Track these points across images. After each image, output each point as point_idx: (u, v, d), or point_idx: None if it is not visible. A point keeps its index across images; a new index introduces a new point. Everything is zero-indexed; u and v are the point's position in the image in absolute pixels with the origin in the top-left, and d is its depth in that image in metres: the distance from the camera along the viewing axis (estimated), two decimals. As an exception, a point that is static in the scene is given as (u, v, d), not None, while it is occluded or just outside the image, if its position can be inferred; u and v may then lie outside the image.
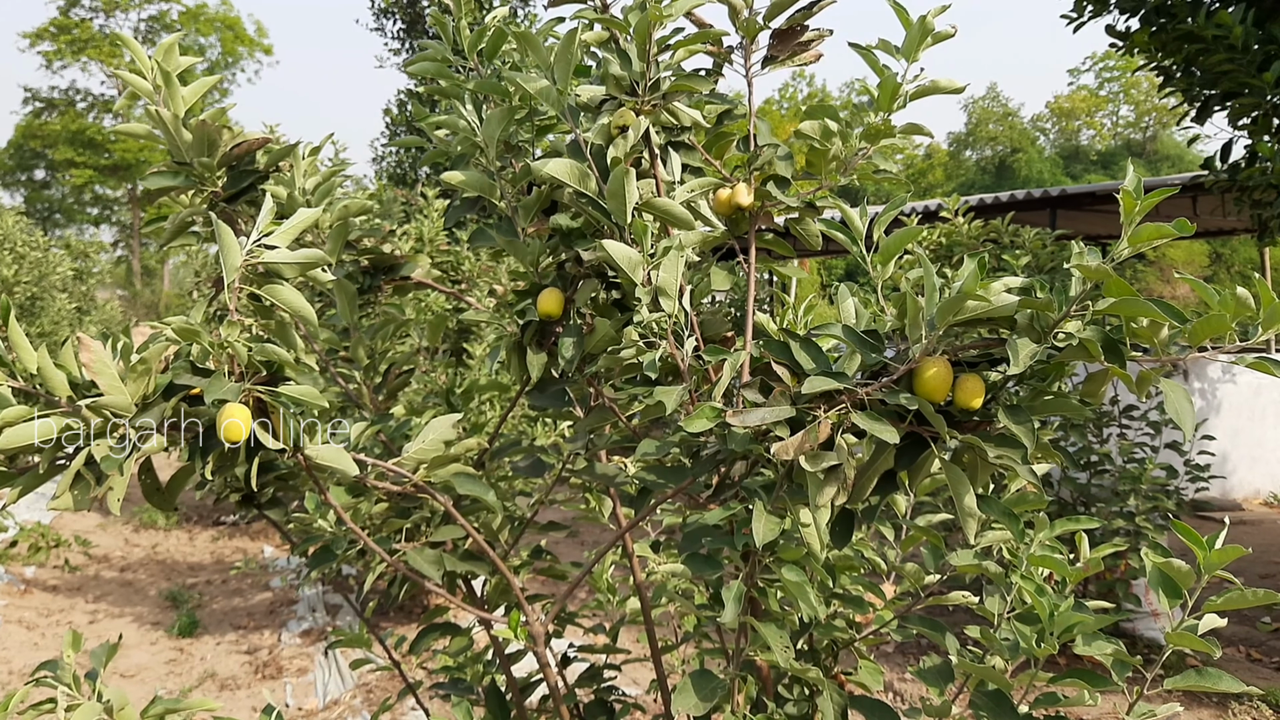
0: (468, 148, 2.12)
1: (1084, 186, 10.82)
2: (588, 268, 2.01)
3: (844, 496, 1.77)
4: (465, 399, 2.82)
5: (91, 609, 7.86)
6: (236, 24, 58.30)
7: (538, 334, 2.07)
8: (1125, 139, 62.25)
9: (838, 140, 2.31)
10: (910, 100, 2.36)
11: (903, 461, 1.87)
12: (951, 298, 1.67)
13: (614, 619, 3.07)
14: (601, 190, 1.91)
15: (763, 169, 2.33)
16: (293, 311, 1.72)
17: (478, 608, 2.30)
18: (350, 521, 1.89)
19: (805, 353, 1.82)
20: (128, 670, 6.49)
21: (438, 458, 1.86)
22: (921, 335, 1.74)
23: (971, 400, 1.76)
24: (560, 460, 2.39)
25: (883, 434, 1.69)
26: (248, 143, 2.17)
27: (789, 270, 2.42)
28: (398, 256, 2.46)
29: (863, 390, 1.78)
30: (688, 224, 1.96)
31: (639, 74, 1.93)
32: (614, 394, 2.22)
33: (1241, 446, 10.67)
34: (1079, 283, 1.78)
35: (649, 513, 2.02)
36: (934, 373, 1.74)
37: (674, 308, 1.90)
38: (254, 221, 1.80)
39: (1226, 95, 7.16)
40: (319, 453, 1.77)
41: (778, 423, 1.75)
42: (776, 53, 2.31)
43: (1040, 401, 1.88)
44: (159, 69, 2.18)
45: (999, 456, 1.77)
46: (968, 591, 2.29)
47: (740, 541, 1.83)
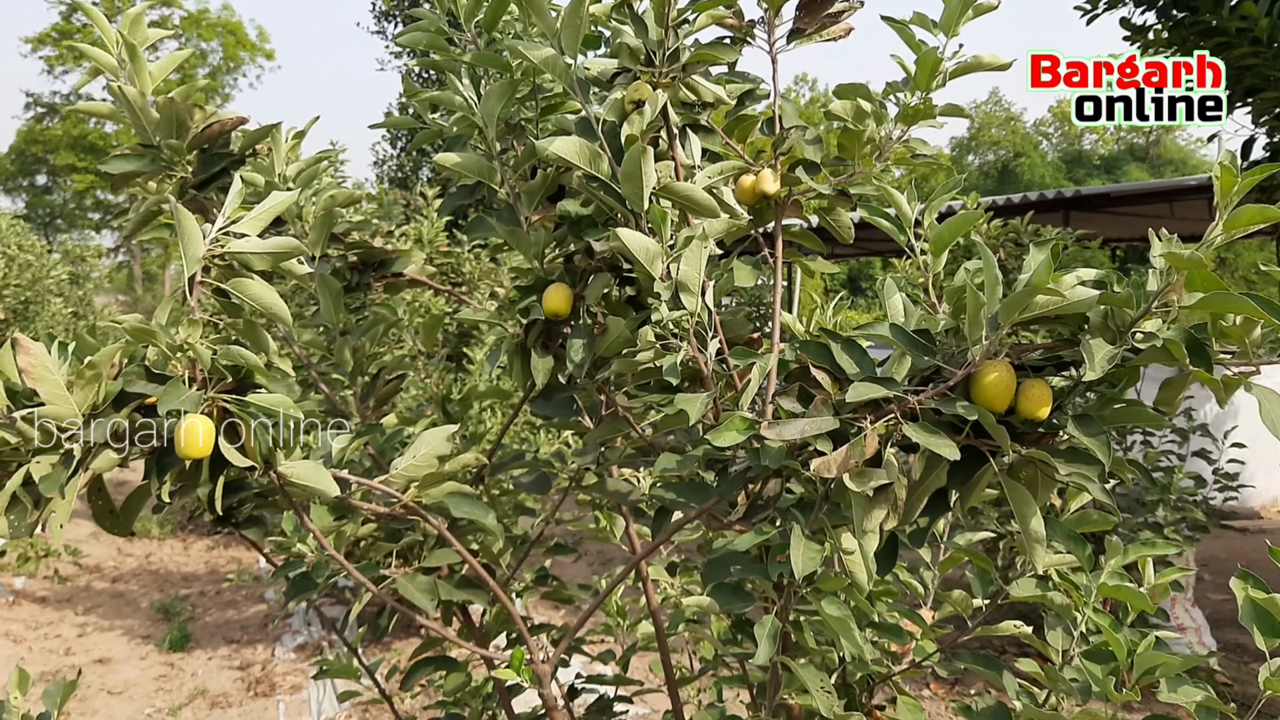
0: (465, 127, 1.90)
1: (1098, 188, 10.61)
2: (599, 260, 1.79)
3: (894, 520, 1.55)
4: (463, 407, 2.60)
5: (81, 621, 7.63)
6: (238, 29, 58.11)
7: (543, 335, 1.85)
8: (1128, 144, 61.96)
9: (871, 121, 2.10)
10: (950, 79, 2.15)
11: (956, 478, 1.65)
12: (1019, 293, 1.45)
13: (624, 644, 2.85)
14: (615, 173, 1.69)
15: (789, 153, 2.11)
16: (263, 308, 1.51)
17: (476, 639, 2.08)
18: (332, 548, 1.67)
19: (848, 355, 1.60)
20: (115, 687, 6.27)
21: (430, 475, 1.64)
22: (982, 335, 1.52)
23: (1038, 409, 1.55)
24: (568, 474, 2.17)
25: (940, 448, 1.47)
26: (221, 123, 1.96)
27: (817, 265, 2.20)
28: (389, 251, 2.25)
29: (914, 398, 1.56)
30: (711, 211, 1.75)
31: (656, 42, 1.71)
32: (627, 401, 2.00)
33: (1259, 453, 10.43)
34: (1160, 276, 1.56)
35: (669, 536, 1.80)
36: (995, 378, 1.53)
37: (697, 305, 1.68)
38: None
39: (1249, 91, 6.94)
40: (294, 471, 1.55)
41: (819, 436, 1.53)
42: (804, 25, 2.09)
43: (1111, 410, 1.66)
44: (123, 42, 1.97)
45: (1072, 474, 1.55)
46: (1020, 621, 2.07)
47: (775, 570, 1.61)
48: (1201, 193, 10.28)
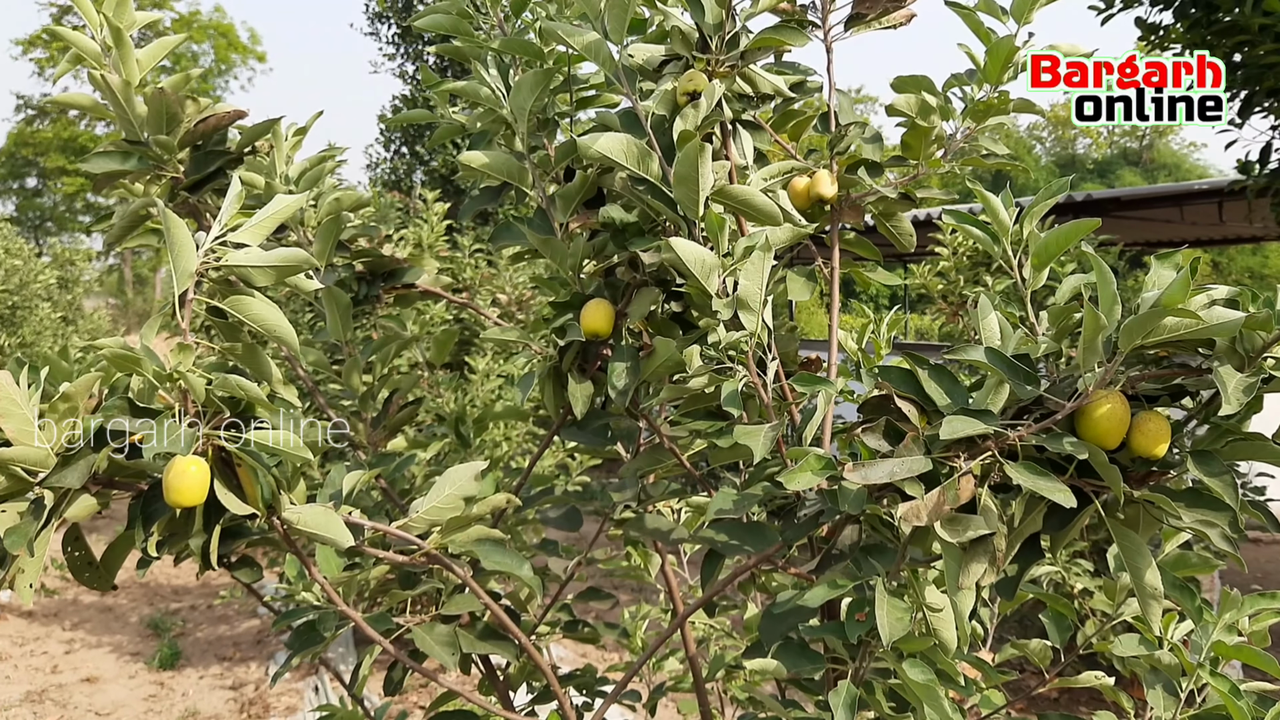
0: (491, 123, 1.69)
1: (1108, 191, 10.42)
2: (646, 274, 1.58)
3: (994, 575, 1.35)
4: (478, 428, 2.39)
5: (69, 637, 7.39)
6: (230, 31, 57.71)
7: (580, 357, 1.64)
8: (1121, 148, 61.87)
9: (937, 117, 1.90)
10: (1021, 71, 1.95)
11: (1053, 522, 1.45)
12: (1145, 314, 1.25)
13: (650, 683, 2.64)
14: (665, 174, 1.49)
15: (847, 153, 1.91)
16: (266, 330, 1.29)
17: (499, 691, 1.87)
18: (342, 602, 1.46)
19: (937, 383, 1.40)
20: (103, 708, 6.03)
21: (455, 520, 1.43)
22: (1097, 362, 1.32)
23: (1155, 446, 1.35)
24: (603, 508, 1.96)
25: (1052, 494, 1.27)
26: (217, 117, 1.75)
27: (876, 275, 1.99)
28: (400, 260, 2.04)
29: (1013, 434, 1.36)
30: (773, 218, 1.54)
31: (714, 25, 1.50)
32: (669, 430, 1.79)
33: (1273, 462, 10.22)
34: (1297, 294, 1.37)
35: (722, 588, 1.59)
36: (1108, 410, 1.33)
37: (757, 325, 1.47)
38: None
39: (1272, 92, 6.76)
40: (301, 517, 1.34)
41: (908, 478, 1.32)
42: (864, 10, 1.89)
43: (1227, 445, 1.46)
44: (108, 25, 1.76)
45: (1198, 520, 1.35)
46: (1101, 672, 1.86)
47: (855, 631, 1.40)
48: (1211, 196, 10.09)
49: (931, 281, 5.76)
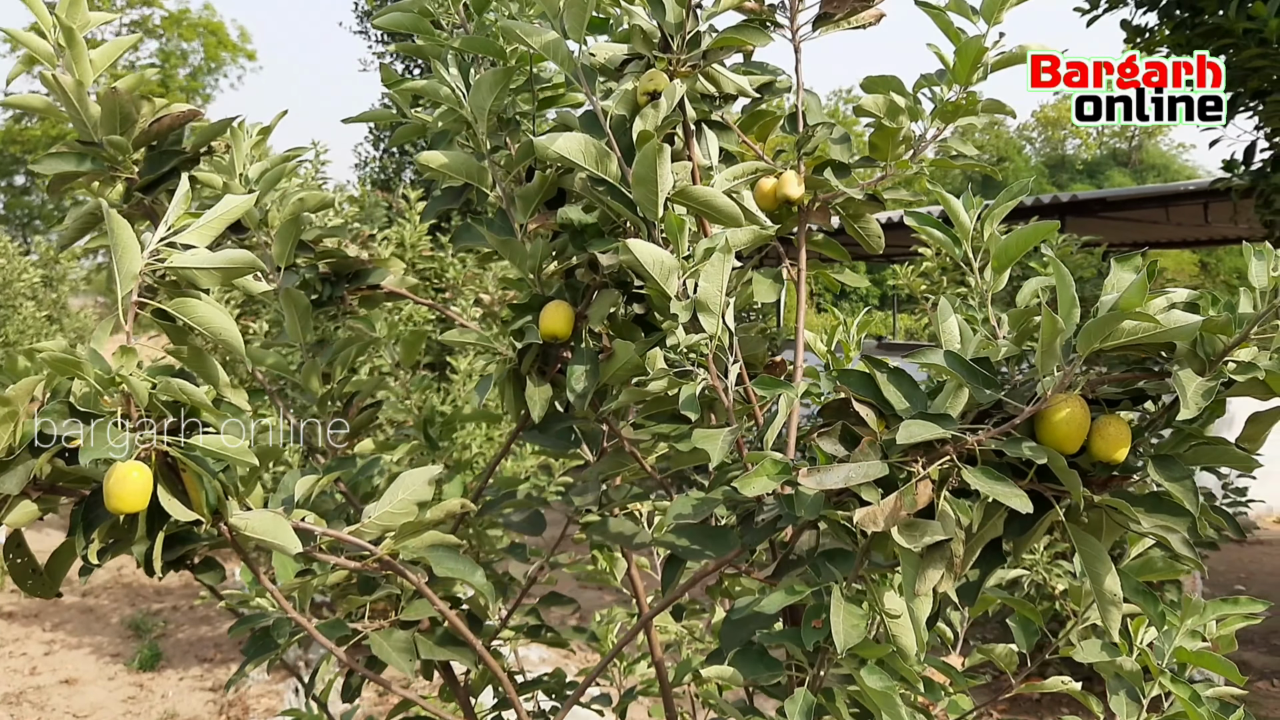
0: (451, 122, 1.67)
1: (1094, 192, 10.45)
2: (605, 275, 1.56)
3: (951, 581, 1.33)
4: (446, 431, 2.37)
5: (49, 638, 7.34)
6: (219, 29, 57.49)
7: (539, 360, 1.62)
8: (1111, 148, 62.05)
9: (906, 118, 1.88)
10: (992, 70, 1.94)
11: (1014, 527, 1.44)
12: (1103, 317, 1.24)
13: (621, 686, 2.62)
14: (625, 174, 1.47)
15: (814, 153, 1.89)
16: (212, 334, 1.27)
17: (460, 697, 1.85)
18: (293, 610, 1.44)
19: (895, 387, 1.38)
20: (81, 710, 5.99)
21: (409, 525, 1.41)
22: (1055, 366, 1.30)
23: (1115, 451, 1.34)
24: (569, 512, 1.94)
25: (1009, 499, 1.26)
26: (170, 117, 1.72)
27: (844, 277, 1.98)
28: (364, 261, 2.01)
29: (972, 438, 1.34)
30: (734, 219, 1.52)
31: (675, 25, 1.49)
32: (633, 433, 1.77)
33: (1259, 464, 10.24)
34: (1259, 297, 1.35)
35: (683, 592, 1.57)
36: (1068, 414, 1.32)
37: (717, 327, 1.45)
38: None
39: (1256, 94, 6.77)
40: (249, 523, 1.32)
41: (864, 483, 1.31)
42: (832, 9, 1.87)
43: (1190, 449, 1.44)
44: (60, 25, 1.73)
45: (1157, 525, 1.34)
46: (1068, 676, 1.85)
47: (810, 638, 1.38)
48: (1197, 198, 10.12)
49: (915, 282, 5.75)
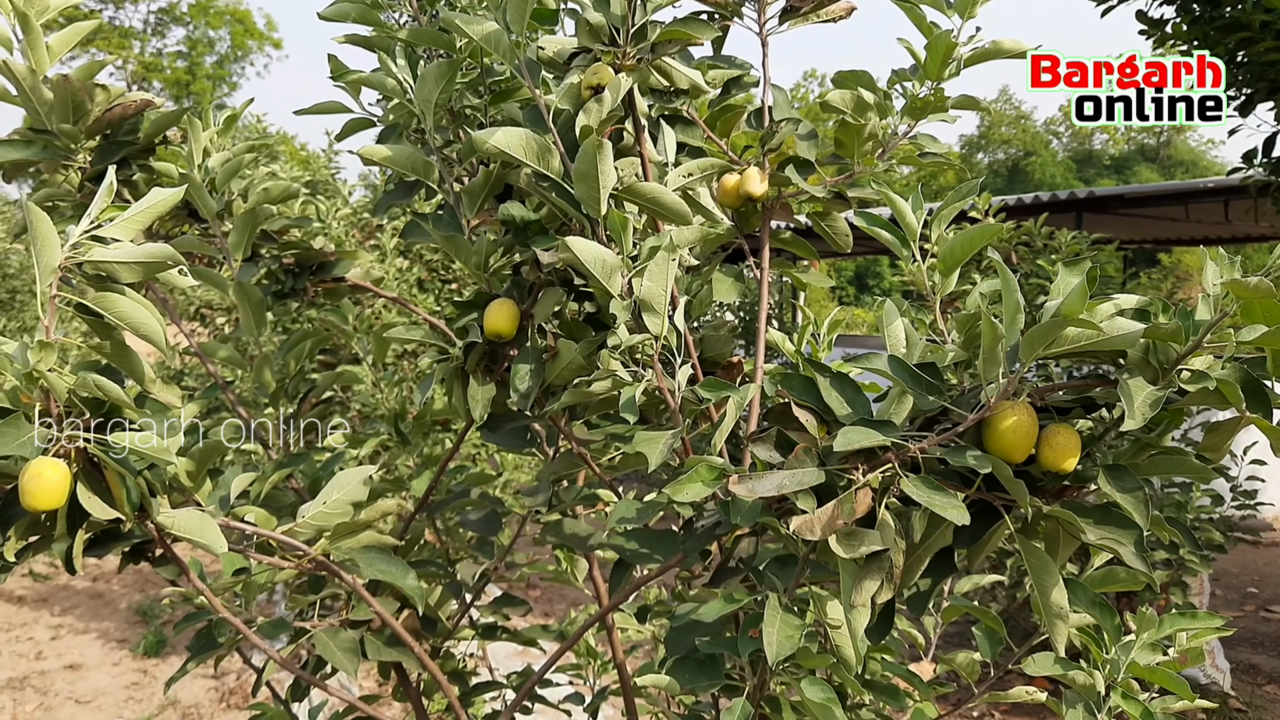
0: (402, 115, 1.65)
1: (1112, 189, 10.30)
2: (550, 273, 1.53)
3: (889, 592, 1.30)
4: (418, 427, 2.35)
5: (56, 623, 7.39)
6: (246, 17, 57.74)
7: (485, 358, 1.59)
8: (1139, 144, 61.42)
9: (875, 115, 1.84)
10: (965, 66, 1.89)
11: (964, 537, 1.40)
12: (1045, 324, 1.20)
13: (595, 686, 2.60)
14: (568, 170, 1.44)
15: (779, 150, 1.85)
16: (133, 328, 1.25)
17: (412, 698, 1.82)
18: (222, 608, 1.42)
19: (838, 393, 1.35)
20: (84, 695, 6.03)
21: (343, 525, 1.39)
22: (999, 373, 1.26)
23: (1063, 460, 1.30)
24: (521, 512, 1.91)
25: (945, 510, 1.22)
26: (123, 106, 1.70)
27: (809, 276, 1.94)
28: (327, 253, 1.99)
29: (915, 445, 1.30)
30: (682, 217, 1.49)
31: (620, 17, 1.45)
32: (586, 433, 1.74)
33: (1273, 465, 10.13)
34: (1213, 305, 1.31)
35: (628, 595, 1.54)
36: (1013, 423, 1.28)
37: (662, 327, 1.42)
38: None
39: (1275, 88, 6.65)
40: (175, 522, 1.30)
41: (800, 491, 1.27)
42: (799, 3, 1.83)
43: (1148, 459, 1.41)
44: (15, 10, 1.71)
45: (1103, 537, 1.30)
46: (1031, 687, 1.81)
47: (746, 648, 1.35)
48: (1217, 195, 9.98)
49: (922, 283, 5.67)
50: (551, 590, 7.51)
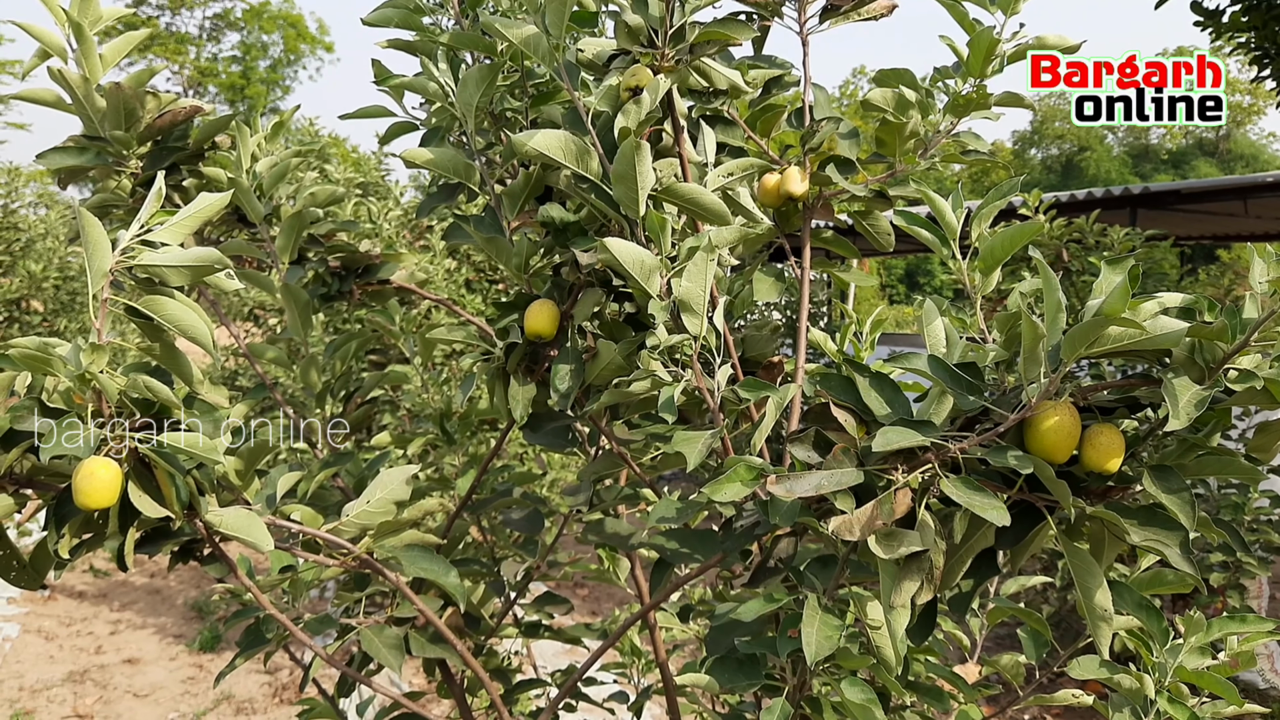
0: (444, 119, 1.67)
1: (1168, 185, 10.12)
2: (589, 274, 1.54)
3: (930, 592, 1.29)
4: (462, 428, 2.37)
5: (115, 619, 7.55)
6: (299, 21, 58.51)
7: (525, 359, 1.61)
8: (1197, 138, 60.24)
9: (916, 113, 1.83)
10: (1008, 63, 1.88)
11: (1006, 538, 1.39)
12: (1087, 323, 1.18)
13: (639, 685, 2.61)
14: (607, 172, 1.45)
15: (820, 149, 1.85)
16: (181, 331, 1.28)
17: (456, 695, 1.85)
18: (269, 605, 1.45)
19: (877, 393, 1.34)
20: (142, 689, 6.15)
21: (385, 523, 1.41)
22: (1040, 373, 1.25)
23: (1107, 461, 1.28)
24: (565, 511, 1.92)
25: (985, 511, 1.21)
26: (173, 113, 1.74)
27: (851, 275, 1.93)
28: (373, 256, 2.02)
29: (955, 446, 1.30)
30: (721, 217, 1.49)
31: (658, 19, 1.46)
32: (627, 432, 1.75)
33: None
34: (1260, 303, 1.29)
35: (669, 593, 1.55)
36: (1055, 423, 1.26)
37: (701, 327, 1.42)
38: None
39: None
40: (223, 520, 1.33)
41: (838, 491, 1.27)
42: (840, 1, 1.82)
43: (1194, 460, 1.38)
44: (70, 20, 1.76)
45: (1149, 539, 1.28)
46: (1079, 690, 1.79)
47: (787, 647, 1.35)
48: (1277, 190, 9.76)
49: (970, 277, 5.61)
50: (599, 589, 7.54)
